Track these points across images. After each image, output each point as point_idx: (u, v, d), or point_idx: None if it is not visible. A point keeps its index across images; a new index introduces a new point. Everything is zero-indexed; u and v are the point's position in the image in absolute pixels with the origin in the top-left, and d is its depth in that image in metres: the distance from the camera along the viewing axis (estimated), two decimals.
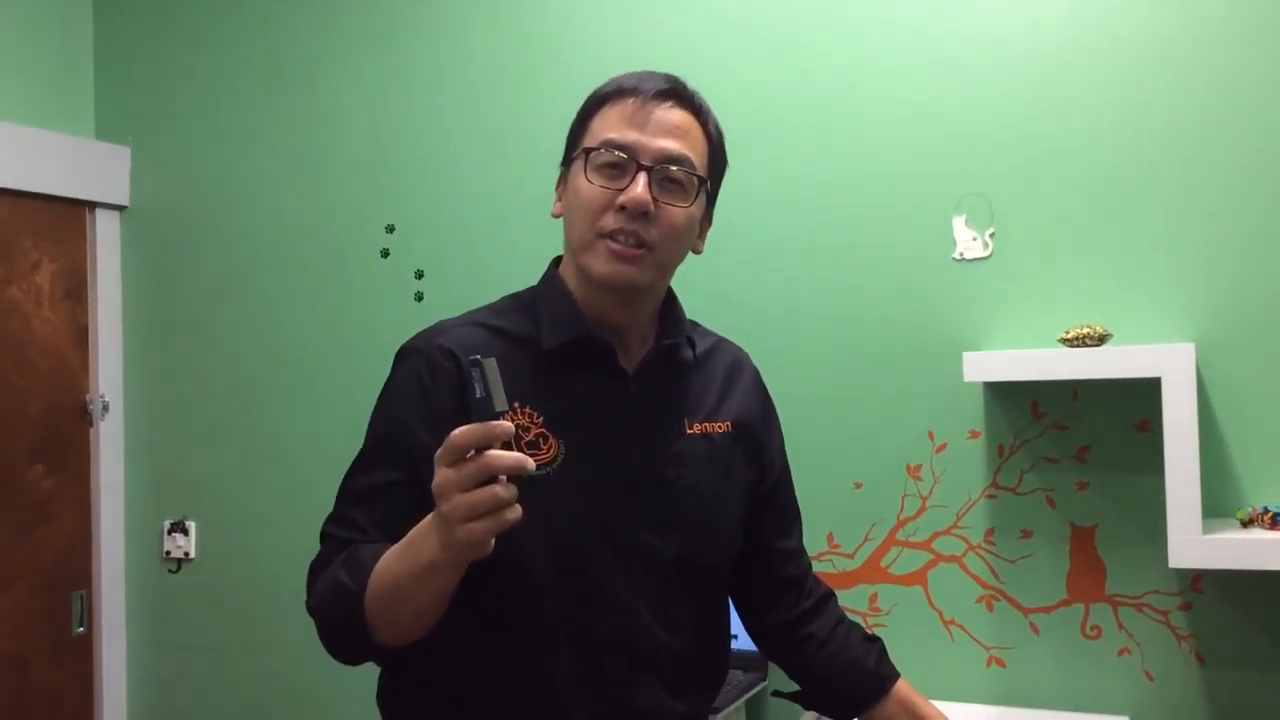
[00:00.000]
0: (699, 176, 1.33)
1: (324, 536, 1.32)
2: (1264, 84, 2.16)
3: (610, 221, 1.28)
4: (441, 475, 1.05)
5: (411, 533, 1.15)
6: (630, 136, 1.29)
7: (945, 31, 2.38)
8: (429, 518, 1.12)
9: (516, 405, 1.28)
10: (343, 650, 1.27)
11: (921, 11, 2.40)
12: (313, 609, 1.28)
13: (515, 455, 1.04)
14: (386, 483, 1.30)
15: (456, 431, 1.04)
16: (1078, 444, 2.27)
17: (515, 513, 1.05)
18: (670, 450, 1.37)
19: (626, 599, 1.32)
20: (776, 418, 1.55)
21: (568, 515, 1.29)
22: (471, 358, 1.06)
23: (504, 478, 1.04)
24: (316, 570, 1.30)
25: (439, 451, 1.06)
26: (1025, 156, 2.31)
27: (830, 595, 1.55)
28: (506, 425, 1.04)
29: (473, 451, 1.03)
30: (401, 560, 1.16)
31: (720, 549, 1.43)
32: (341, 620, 1.22)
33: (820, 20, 2.48)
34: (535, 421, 1.30)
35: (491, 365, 1.05)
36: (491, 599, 1.27)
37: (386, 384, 1.36)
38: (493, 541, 1.07)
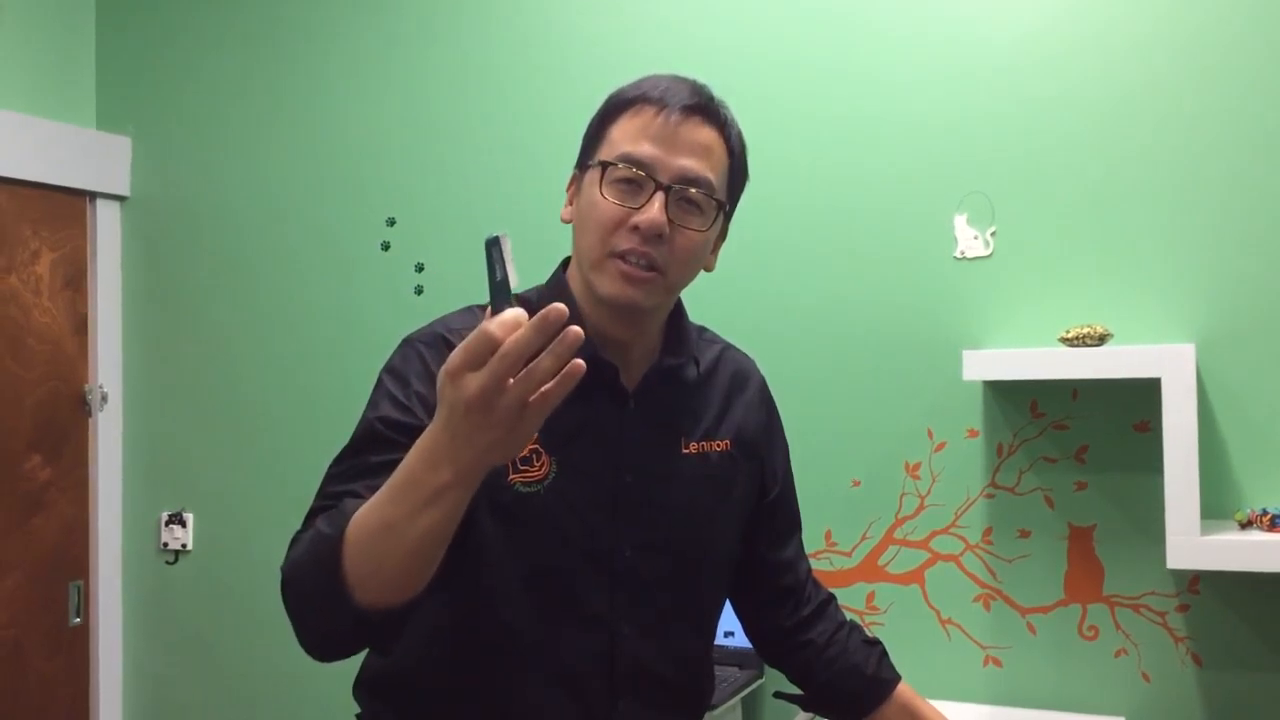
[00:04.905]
0: (717, 200, 1.28)
1: (310, 516, 1.18)
2: (1264, 84, 2.15)
3: (623, 241, 1.22)
4: (476, 382, 0.92)
5: (404, 462, 1.00)
6: (650, 153, 1.23)
7: (948, 31, 2.37)
8: (430, 432, 0.98)
9: None
10: (318, 617, 1.11)
11: (924, 11, 2.39)
12: (286, 579, 1.15)
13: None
14: (398, 460, 1.13)
15: (491, 324, 0.92)
16: (1077, 444, 2.27)
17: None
18: (665, 471, 1.33)
19: (609, 621, 1.29)
20: (781, 431, 1.51)
21: (554, 534, 1.26)
22: (490, 235, 0.95)
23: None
24: (292, 547, 1.16)
25: (463, 356, 0.93)
26: (1027, 156, 2.31)
27: (830, 599, 1.54)
28: (519, 312, 0.94)
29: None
30: (394, 493, 1.00)
31: (711, 573, 1.40)
32: (318, 575, 1.06)
33: (823, 21, 2.47)
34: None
35: (506, 243, 0.94)
36: (467, 616, 1.24)
37: (391, 365, 1.27)
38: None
